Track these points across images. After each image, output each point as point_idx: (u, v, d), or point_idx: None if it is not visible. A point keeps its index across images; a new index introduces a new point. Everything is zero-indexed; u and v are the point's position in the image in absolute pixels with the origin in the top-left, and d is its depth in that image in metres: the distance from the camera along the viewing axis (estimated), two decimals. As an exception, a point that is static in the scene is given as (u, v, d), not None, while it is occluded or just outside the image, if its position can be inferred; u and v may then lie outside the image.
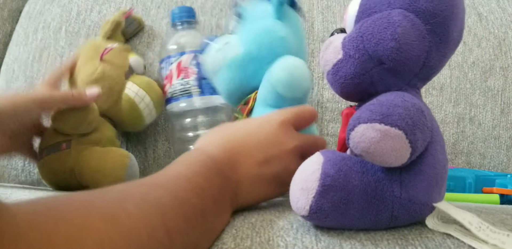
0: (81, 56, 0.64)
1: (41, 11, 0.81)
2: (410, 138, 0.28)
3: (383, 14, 0.33)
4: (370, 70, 0.33)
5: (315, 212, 0.30)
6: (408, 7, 0.32)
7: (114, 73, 0.62)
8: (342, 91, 0.36)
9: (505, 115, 0.76)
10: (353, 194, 0.30)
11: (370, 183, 0.30)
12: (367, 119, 0.28)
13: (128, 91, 0.62)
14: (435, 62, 0.34)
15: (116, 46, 0.64)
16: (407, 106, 0.28)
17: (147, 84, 0.64)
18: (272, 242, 0.29)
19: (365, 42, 0.33)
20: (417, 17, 0.32)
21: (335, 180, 0.30)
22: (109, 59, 0.62)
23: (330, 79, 0.36)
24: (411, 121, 0.28)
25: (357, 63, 0.33)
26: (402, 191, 0.30)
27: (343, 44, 0.34)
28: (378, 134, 0.28)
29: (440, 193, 0.33)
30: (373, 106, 0.29)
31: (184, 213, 0.28)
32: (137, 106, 0.62)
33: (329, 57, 0.35)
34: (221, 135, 0.41)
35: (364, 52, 0.33)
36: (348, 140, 0.29)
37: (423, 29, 0.32)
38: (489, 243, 0.27)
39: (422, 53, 0.32)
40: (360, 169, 0.31)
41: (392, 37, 0.31)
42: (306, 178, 0.30)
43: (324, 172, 0.30)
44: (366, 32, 0.33)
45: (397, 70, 0.32)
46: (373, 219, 0.31)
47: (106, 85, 0.61)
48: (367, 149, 0.28)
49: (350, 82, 0.34)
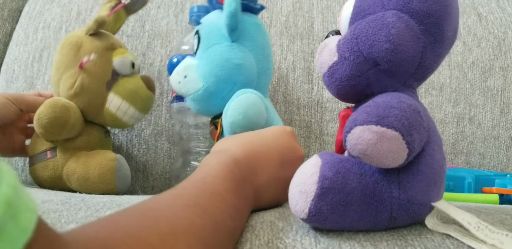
0: (60, 57, 0.60)
1: (41, 11, 0.81)
2: (407, 139, 0.28)
3: (377, 16, 0.33)
4: (366, 72, 0.33)
5: (314, 215, 0.30)
6: (402, 8, 0.32)
7: (93, 86, 0.58)
8: (338, 93, 0.36)
9: (504, 115, 0.77)
10: (352, 196, 0.30)
11: (369, 185, 0.30)
12: (364, 122, 0.28)
13: (109, 106, 0.58)
14: (430, 62, 0.34)
15: (94, 56, 0.58)
16: (403, 108, 0.29)
17: (131, 93, 0.59)
18: (271, 244, 0.29)
19: (359, 44, 0.33)
20: (411, 18, 0.32)
21: (333, 182, 0.30)
22: (89, 68, 0.57)
23: (326, 82, 0.36)
24: (407, 123, 0.28)
25: (353, 65, 0.33)
26: (401, 191, 0.30)
27: (338, 46, 0.34)
28: (374, 135, 0.28)
29: (439, 193, 0.33)
30: (369, 108, 0.29)
31: (220, 238, 0.27)
32: (121, 119, 0.59)
33: (325, 60, 0.35)
34: (240, 138, 0.42)
35: (359, 54, 0.33)
36: (345, 142, 0.29)
37: (417, 30, 0.32)
38: (487, 243, 0.28)
39: (417, 53, 0.32)
40: (358, 171, 0.31)
41: (387, 39, 0.31)
42: (305, 181, 0.30)
43: (322, 174, 0.30)
44: (360, 34, 0.33)
45: (393, 71, 0.33)
46: (372, 221, 0.31)
47: (85, 100, 0.58)
48: (364, 151, 0.28)
49: (346, 84, 0.34)
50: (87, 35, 0.59)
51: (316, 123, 0.73)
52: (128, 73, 0.60)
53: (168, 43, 0.75)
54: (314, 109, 0.73)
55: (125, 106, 0.59)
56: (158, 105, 0.73)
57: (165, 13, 0.77)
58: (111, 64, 0.59)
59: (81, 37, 0.60)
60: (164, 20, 0.77)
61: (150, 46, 0.75)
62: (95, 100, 0.58)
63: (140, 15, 0.76)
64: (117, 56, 0.59)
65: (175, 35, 0.76)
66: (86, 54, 0.58)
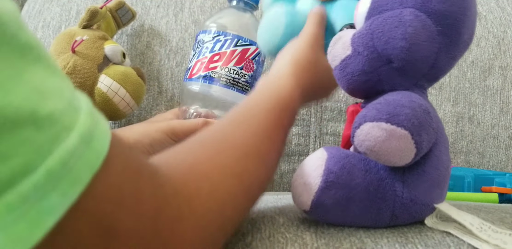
0: (54, 46, 0.62)
1: (40, 10, 0.81)
2: (416, 138, 0.28)
3: (395, 13, 0.32)
4: (378, 69, 0.33)
5: (317, 208, 0.30)
6: (420, 7, 0.32)
7: (85, 67, 0.60)
8: (348, 88, 0.35)
9: (504, 115, 0.77)
10: (355, 191, 0.30)
11: (373, 182, 0.30)
12: (373, 118, 0.28)
13: (101, 85, 0.60)
14: (443, 64, 0.33)
15: (87, 37, 0.62)
16: (414, 107, 0.28)
17: (122, 76, 0.61)
18: (272, 238, 0.29)
19: (374, 40, 0.32)
20: (428, 18, 0.32)
21: (338, 177, 0.30)
22: (81, 51, 0.60)
23: (337, 75, 0.36)
24: (418, 122, 0.28)
25: (366, 61, 0.33)
26: (404, 190, 0.30)
27: (353, 40, 0.34)
28: (383, 133, 0.28)
29: (442, 194, 0.33)
30: (379, 105, 0.29)
31: (277, 159, 0.34)
32: (111, 100, 0.60)
33: (337, 53, 0.35)
34: None
35: (373, 50, 0.32)
36: (353, 138, 0.29)
37: (433, 30, 0.32)
38: (490, 243, 0.27)
39: (431, 54, 0.32)
40: (364, 167, 0.31)
41: (403, 37, 0.31)
42: (309, 173, 0.30)
43: (327, 168, 0.30)
44: (376, 30, 0.32)
45: (405, 70, 0.32)
46: (373, 217, 0.31)
47: (77, 80, 0.59)
48: (372, 148, 0.28)
49: (357, 79, 0.34)
50: (80, 27, 0.64)
51: (316, 122, 0.73)
52: (119, 61, 0.64)
53: (168, 42, 0.75)
54: (313, 109, 0.73)
55: (116, 86, 0.60)
56: (158, 105, 0.73)
57: (165, 12, 0.77)
58: (102, 50, 0.62)
59: (74, 29, 0.64)
60: (163, 19, 0.77)
61: (150, 45, 0.75)
62: (87, 80, 0.60)
63: (139, 14, 0.76)
64: (109, 44, 0.63)
65: (174, 34, 0.76)
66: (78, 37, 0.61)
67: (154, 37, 0.76)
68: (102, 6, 0.66)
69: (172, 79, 0.73)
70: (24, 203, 0.16)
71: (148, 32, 0.76)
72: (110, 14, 0.69)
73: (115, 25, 0.70)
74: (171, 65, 0.74)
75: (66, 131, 0.17)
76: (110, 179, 0.19)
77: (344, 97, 0.73)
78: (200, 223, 0.24)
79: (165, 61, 0.74)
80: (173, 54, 0.74)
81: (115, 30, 0.71)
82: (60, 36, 0.63)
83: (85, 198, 0.18)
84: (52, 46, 0.63)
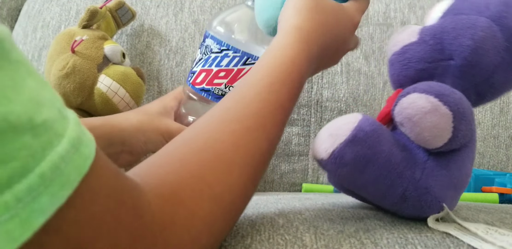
0: (54, 46, 0.63)
1: (40, 10, 0.81)
2: (456, 123, 0.28)
3: (470, 17, 0.33)
4: (437, 62, 0.33)
5: (335, 158, 0.29)
6: (496, 19, 0.32)
7: (85, 67, 0.60)
8: (400, 74, 0.35)
9: (504, 115, 0.77)
10: (378, 156, 0.29)
11: (397, 156, 0.30)
12: (424, 90, 0.28)
13: (100, 85, 0.60)
14: (497, 81, 0.33)
15: (87, 37, 0.62)
16: (463, 99, 0.29)
17: (122, 76, 0.61)
18: (272, 240, 0.29)
19: (444, 33, 0.32)
20: (500, 31, 0.32)
21: (368, 136, 0.29)
22: (81, 51, 0.61)
23: (392, 60, 0.35)
24: (462, 111, 0.28)
25: (428, 50, 0.33)
26: (423, 176, 0.30)
27: (422, 29, 0.34)
28: (429, 105, 0.27)
29: (454, 198, 0.32)
30: (433, 84, 0.29)
31: (271, 155, 0.32)
32: (111, 100, 0.61)
33: (401, 38, 0.35)
34: None
35: (439, 42, 0.33)
36: (396, 106, 0.29)
37: (501, 44, 0.32)
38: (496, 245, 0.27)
39: (491, 65, 0.32)
40: (393, 140, 0.31)
41: (472, 37, 0.31)
42: (339, 126, 0.30)
43: (359, 126, 0.30)
44: (448, 25, 0.33)
45: (462, 70, 0.32)
46: (384, 190, 0.30)
47: (76, 80, 0.59)
48: (412, 117, 0.28)
49: (413, 65, 0.34)
50: (79, 27, 0.64)
51: (316, 122, 0.73)
52: (119, 61, 0.64)
53: (167, 42, 0.75)
54: (313, 109, 0.73)
55: (115, 86, 0.60)
56: (158, 105, 0.72)
57: (164, 12, 0.77)
58: (102, 50, 0.63)
59: (74, 29, 0.64)
60: (163, 19, 0.77)
61: (149, 45, 0.75)
62: (86, 80, 0.60)
63: (139, 14, 0.76)
64: (108, 44, 0.63)
65: (174, 34, 0.76)
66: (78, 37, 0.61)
67: (154, 37, 0.76)
68: (102, 6, 0.66)
69: (172, 79, 0.73)
70: (18, 203, 0.17)
71: (148, 32, 0.76)
72: (109, 14, 0.69)
73: (115, 25, 0.70)
74: (171, 65, 0.74)
75: (58, 137, 0.19)
76: (92, 208, 0.20)
77: (344, 97, 0.73)
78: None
79: (165, 61, 0.74)
80: (173, 54, 0.74)
81: (114, 30, 0.71)
82: (60, 36, 0.64)
83: (65, 222, 0.19)
84: (51, 46, 0.63)
